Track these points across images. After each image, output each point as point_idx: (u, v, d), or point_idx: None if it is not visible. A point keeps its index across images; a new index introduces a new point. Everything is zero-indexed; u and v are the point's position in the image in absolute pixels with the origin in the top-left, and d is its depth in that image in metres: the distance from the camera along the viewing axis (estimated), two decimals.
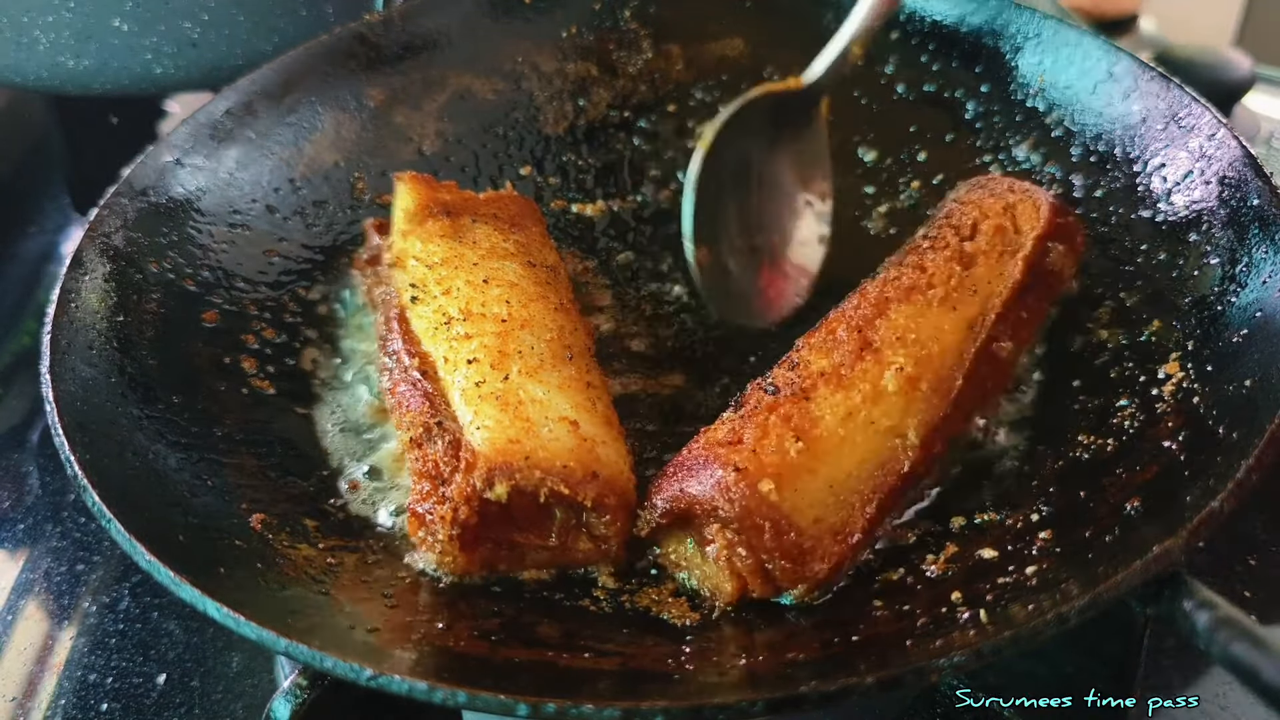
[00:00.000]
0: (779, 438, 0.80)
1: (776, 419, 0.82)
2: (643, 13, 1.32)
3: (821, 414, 0.82)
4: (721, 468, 0.78)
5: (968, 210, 0.99)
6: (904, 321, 0.89)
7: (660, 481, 0.83)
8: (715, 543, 0.79)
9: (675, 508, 0.80)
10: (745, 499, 0.77)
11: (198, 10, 1.28)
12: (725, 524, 0.78)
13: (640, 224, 1.20)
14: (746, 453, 0.79)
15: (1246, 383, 0.79)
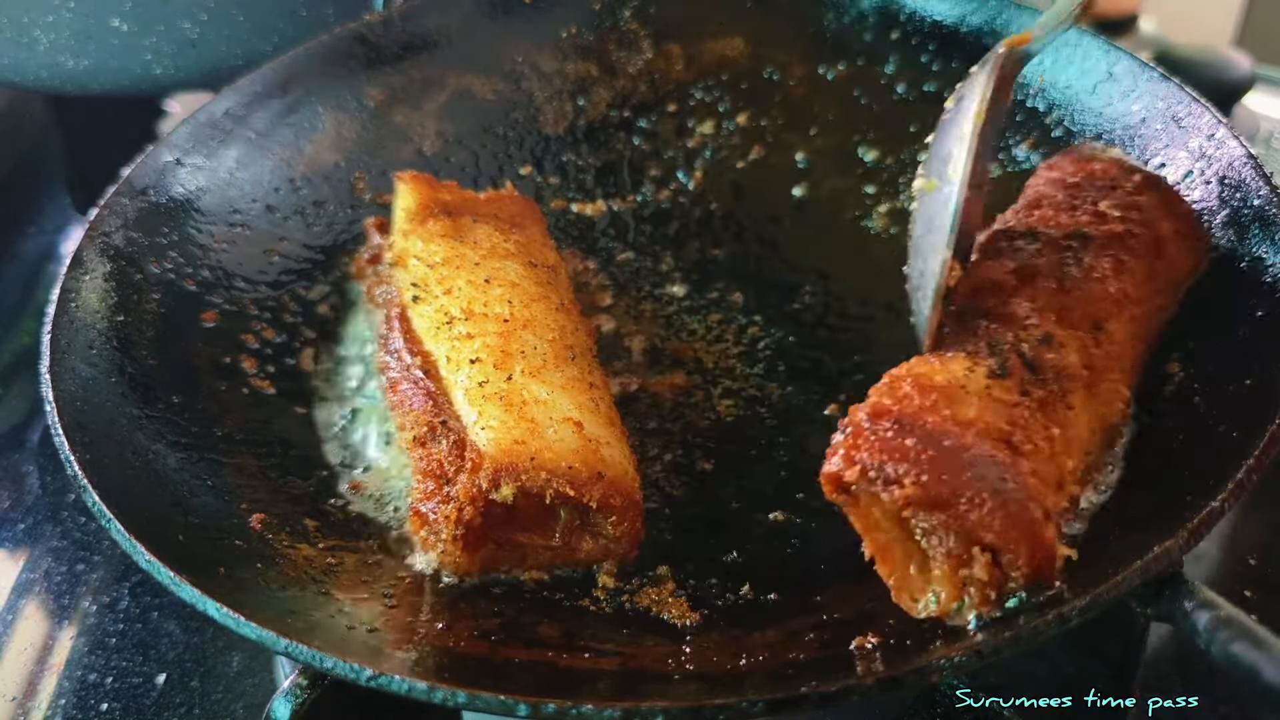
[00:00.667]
0: (1056, 465, 0.70)
1: (1043, 422, 0.71)
2: (643, 13, 1.32)
3: (1080, 430, 0.73)
4: (1024, 504, 0.66)
5: (1128, 182, 0.91)
6: (1123, 334, 0.80)
7: (903, 442, 0.68)
8: (936, 549, 0.68)
9: (936, 499, 0.67)
10: (1031, 550, 0.67)
11: (197, 10, 1.28)
12: (985, 548, 0.67)
13: (640, 224, 1.20)
14: (1032, 480, 0.68)
15: (1246, 383, 0.79)
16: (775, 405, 0.99)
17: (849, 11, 1.26)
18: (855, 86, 1.24)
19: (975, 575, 0.68)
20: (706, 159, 1.26)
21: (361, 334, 1.07)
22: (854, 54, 1.26)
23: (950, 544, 0.68)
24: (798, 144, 1.24)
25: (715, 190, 1.23)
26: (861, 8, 1.26)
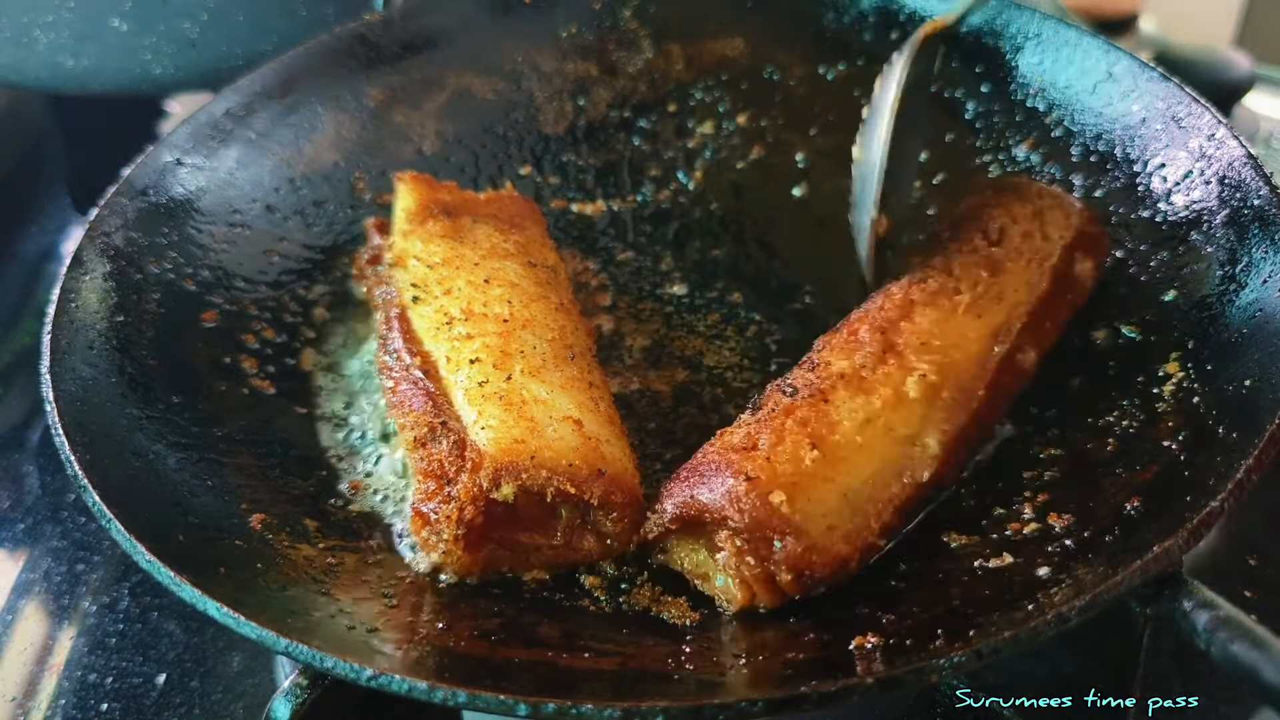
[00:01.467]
0: (794, 445, 0.79)
1: (793, 423, 0.81)
2: (643, 13, 1.32)
3: (840, 419, 0.81)
4: (734, 476, 0.77)
5: (996, 214, 0.97)
6: (929, 326, 0.87)
7: (672, 485, 0.82)
8: (724, 550, 0.77)
9: (685, 513, 0.79)
10: (756, 510, 0.75)
11: (197, 10, 1.28)
12: (735, 533, 0.76)
13: (640, 224, 1.20)
14: (760, 460, 0.78)
15: (1246, 383, 0.79)
16: None
17: (849, 11, 1.26)
18: (855, 86, 1.24)
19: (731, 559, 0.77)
20: (706, 159, 1.26)
21: (361, 334, 1.07)
22: (854, 54, 1.26)
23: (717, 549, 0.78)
24: (798, 144, 1.24)
25: (715, 190, 1.23)
26: (861, 8, 1.26)
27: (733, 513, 0.76)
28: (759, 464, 0.78)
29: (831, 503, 0.78)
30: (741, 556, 0.76)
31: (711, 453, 0.82)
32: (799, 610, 0.79)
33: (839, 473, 0.79)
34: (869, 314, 0.90)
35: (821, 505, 0.77)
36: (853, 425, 0.81)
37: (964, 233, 0.97)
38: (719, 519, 0.77)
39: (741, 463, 0.78)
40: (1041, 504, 0.82)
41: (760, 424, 0.82)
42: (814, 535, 0.76)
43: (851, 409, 0.81)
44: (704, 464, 0.80)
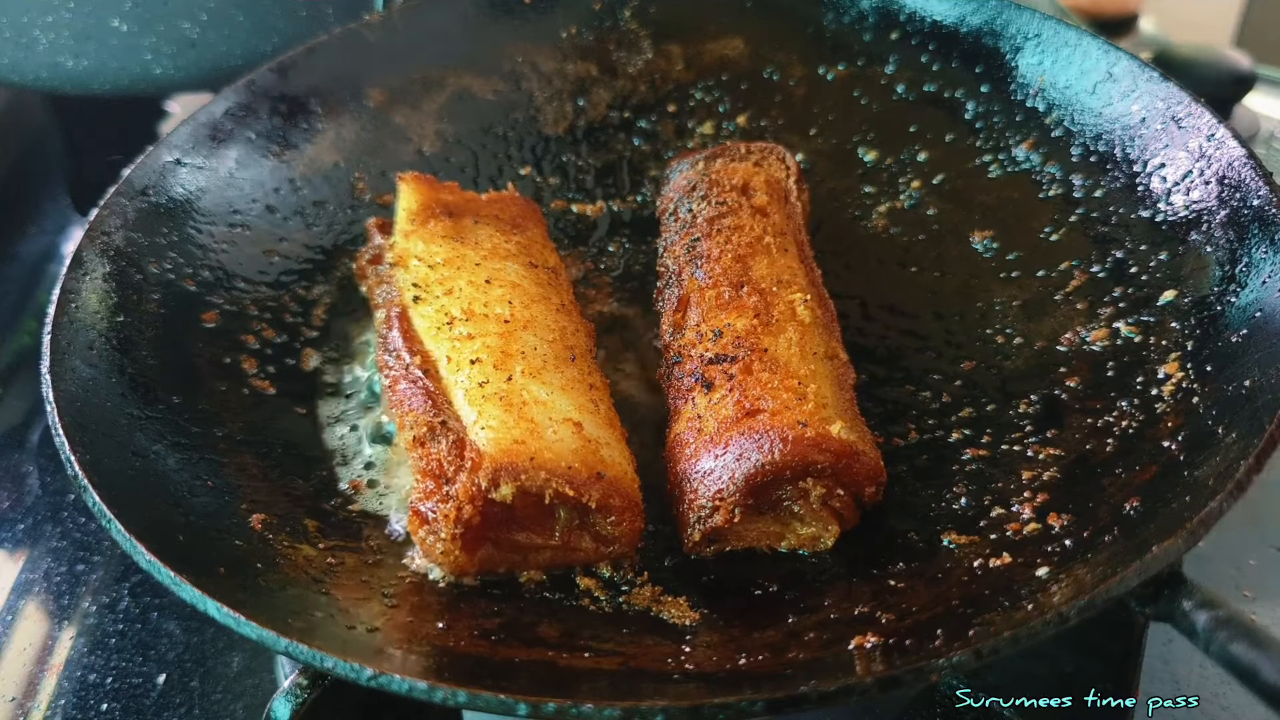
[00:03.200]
0: (788, 391, 0.84)
1: (764, 377, 0.86)
2: (643, 13, 1.32)
3: (788, 360, 0.87)
4: (789, 429, 0.81)
5: (728, 176, 1.06)
6: (765, 270, 0.95)
7: (702, 476, 0.83)
8: (810, 494, 0.82)
9: (757, 481, 0.81)
10: (832, 444, 0.81)
11: (197, 10, 1.28)
12: (819, 475, 0.82)
13: (640, 224, 1.20)
14: (785, 413, 0.83)
15: (1246, 383, 0.79)
16: None
17: (849, 11, 1.26)
18: (855, 86, 1.24)
19: (815, 500, 0.83)
20: None
21: (362, 334, 1.07)
22: (854, 54, 1.26)
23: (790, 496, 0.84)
24: (798, 144, 1.24)
25: None
26: (861, 8, 1.26)
27: (817, 455, 0.81)
28: (789, 415, 0.82)
29: (846, 421, 0.84)
30: (832, 491, 0.83)
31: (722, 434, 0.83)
32: (799, 610, 0.79)
33: (832, 397, 0.86)
34: (713, 278, 0.96)
35: (847, 425, 0.83)
36: (799, 361, 0.88)
37: (718, 198, 1.04)
38: (800, 468, 0.81)
39: (774, 421, 0.82)
40: (1041, 504, 0.82)
41: (737, 391, 0.86)
42: (865, 446, 0.84)
43: (787, 349, 0.88)
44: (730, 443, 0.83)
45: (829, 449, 0.81)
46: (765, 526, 0.85)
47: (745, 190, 1.05)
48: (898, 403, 0.97)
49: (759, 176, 1.07)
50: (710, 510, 0.83)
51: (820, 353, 0.90)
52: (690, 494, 0.84)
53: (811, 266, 1.01)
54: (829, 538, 0.85)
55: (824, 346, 0.91)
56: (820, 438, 0.81)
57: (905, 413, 0.96)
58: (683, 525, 0.85)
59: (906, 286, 1.08)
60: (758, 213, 1.02)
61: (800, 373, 0.86)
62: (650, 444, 0.95)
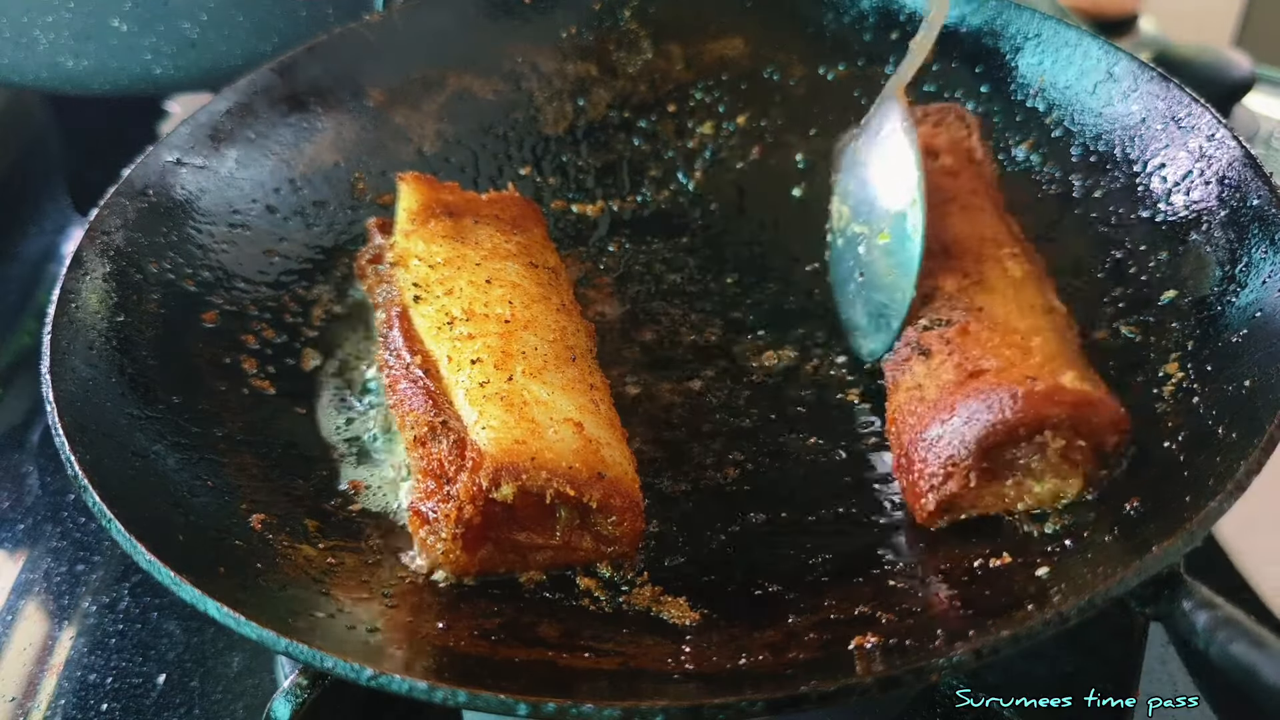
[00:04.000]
0: (1012, 347, 0.83)
1: (984, 336, 0.84)
2: (643, 13, 1.32)
3: (1006, 317, 0.85)
4: (1018, 386, 0.79)
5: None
6: (967, 230, 0.93)
7: (930, 445, 0.82)
8: (1039, 455, 0.80)
9: (989, 444, 0.80)
10: (1065, 395, 0.79)
11: (197, 11, 1.28)
12: (1056, 427, 0.79)
13: (640, 224, 1.20)
14: (1012, 369, 0.81)
15: (1246, 383, 0.79)
16: (776, 405, 0.98)
17: (849, 11, 1.26)
18: (855, 86, 1.24)
19: (1055, 454, 0.81)
20: (706, 159, 1.26)
21: (362, 334, 1.07)
22: (854, 54, 1.26)
23: (1029, 451, 0.81)
24: (798, 144, 1.24)
25: (715, 190, 1.23)
26: (861, 8, 1.26)
27: (1050, 409, 0.78)
28: (1017, 370, 0.81)
29: (1076, 370, 0.81)
30: (1072, 444, 0.80)
31: (946, 400, 0.82)
32: (799, 610, 0.79)
33: (1054, 349, 0.83)
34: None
35: (1078, 374, 0.81)
36: (1018, 315, 0.85)
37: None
38: (1034, 425, 0.79)
39: (1002, 379, 0.81)
40: None
41: (957, 354, 0.84)
42: (1101, 394, 0.81)
43: (1003, 306, 0.86)
44: (956, 408, 0.81)
45: (1063, 400, 0.78)
46: (1001, 489, 0.82)
47: (930, 153, 1.02)
48: None
49: (940, 138, 1.04)
50: (944, 478, 0.81)
51: (1039, 305, 0.87)
52: (920, 464, 0.82)
53: (1010, 222, 0.97)
54: (1071, 491, 0.81)
55: (1041, 299, 0.88)
56: (1052, 390, 0.79)
57: None
58: (915, 497, 0.83)
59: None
60: (947, 175, 1.00)
61: (1021, 327, 0.84)
62: (650, 444, 0.95)
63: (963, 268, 0.90)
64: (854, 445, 0.94)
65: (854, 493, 0.90)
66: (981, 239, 0.93)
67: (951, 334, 0.86)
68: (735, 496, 0.91)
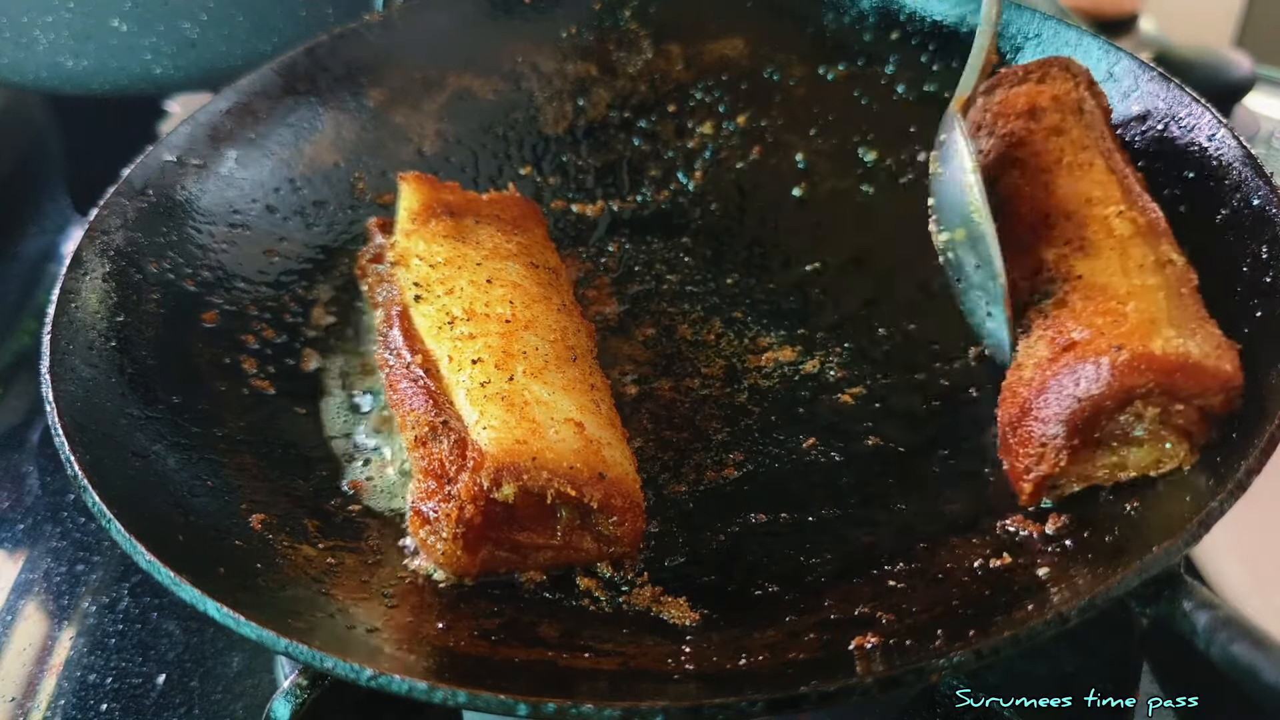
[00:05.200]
0: (1106, 314, 0.79)
1: (1080, 305, 0.81)
2: (643, 13, 1.32)
3: (1106, 282, 0.82)
4: (1103, 357, 0.77)
5: (1012, 104, 1.00)
6: (1070, 192, 0.90)
7: (1026, 425, 0.80)
8: (1138, 424, 0.77)
9: (1079, 419, 0.77)
10: (1154, 364, 0.75)
11: (197, 11, 1.28)
12: (1146, 398, 0.76)
13: (640, 224, 1.20)
14: (1101, 339, 0.78)
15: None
16: (776, 406, 0.99)
17: (849, 11, 1.26)
18: (855, 86, 1.24)
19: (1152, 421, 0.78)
20: (706, 159, 1.26)
21: (362, 334, 1.07)
22: (854, 54, 1.26)
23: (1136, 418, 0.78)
24: (798, 144, 1.24)
25: (715, 190, 1.23)
26: (861, 8, 1.26)
27: (1135, 379, 0.75)
28: (1106, 339, 0.77)
29: (1179, 331, 0.77)
30: (1169, 410, 0.77)
31: (1039, 377, 0.80)
32: (799, 610, 0.79)
33: (1155, 311, 0.79)
34: (1018, 215, 0.91)
35: (1178, 336, 0.77)
36: (1121, 279, 0.82)
37: (1008, 128, 0.98)
38: (1123, 396, 0.76)
39: (1089, 350, 0.78)
40: (1041, 504, 0.82)
41: (1052, 328, 0.82)
42: (1197, 356, 0.76)
43: (1105, 270, 0.83)
44: (1047, 384, 0.79)
45: (1151, 368, 0.75)
46: (1102, 459, 0.80)
47: (1033, 113, 0.98)
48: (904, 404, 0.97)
49: (1045, 94, 0.99)
50: (1037, 459, 0.79)
51: (1148, 263, 0.83)
52: (1016, 445, 0.81)
53: (1124, 174, 0.92)
54: (1174, 460, 0.78)
55: (1152, 255, 0.84)
56: (1136, 358, 0.75)
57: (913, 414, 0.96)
58: (1015, 479, 0.82)
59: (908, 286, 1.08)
60: (1051, 133, 0.96)
61: (1121, 291, 0.81)
62: (650, 444, 0.95)
63: (1064, 234, 0.87)
64: (854, 445, 0.94)
65: (854, 493, 0.90)
66: (1087, 200, 0.89)
67: (1049, 306, 0.84)
68: (735, 496, 0.91)
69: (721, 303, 1.10)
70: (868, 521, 0.87)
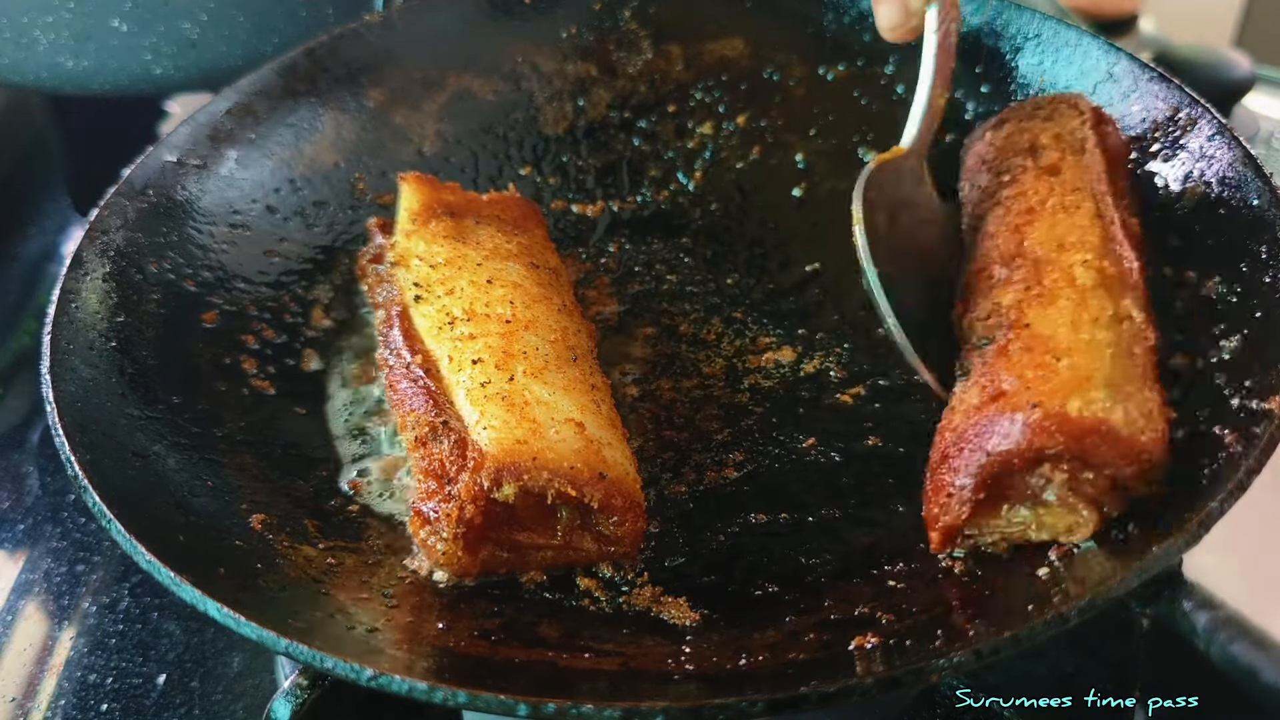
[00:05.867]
0: (1038, 368, 0.77)
1: (1019, 355, 0.80)
2: (643, 13, 1.32)
3: (1052, 333, 0.80)
4: (1018, 412, 0.75)
5: (1017, 139, 1.00)
6: (1044, 235, 0.88)
7: (941, 472, 0.79)
8: (1051, 484, 0.75)
9: (988, 474, 0.76)
10: (1063, 425, 0.73)
11: (197, 11, 1.28)
12: (1055, 461, 0.74)
13: (640, 224, 1.20)
14: (1024, 393, 0.76)
15: (1247, 383, 0.79)
16: (776, 406, 0.99)
17: (849, 11, 1.26)
18: (855, 86, 1.24)
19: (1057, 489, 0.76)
20: (706, 160, 1.26)
21: (362, 334, 1.07)
22: (854, 54, 1.26)
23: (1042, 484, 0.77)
24: (798, 144, 1.24)
25: (715, 191, 1.23)
26: (861, 8, 1.26)
27: (1043, 440, 0.73)
28: (1027, 395, 0.76)
29: (1110, 396, 0.75)
30: (1076, 477, 0.75)
31: (961, 425, 0.79)
32: (799, 610, 0.79)
33: (1094, 370, 0.77)
34: (987, 257, 0.90)
35: (1104, 401, 0.75)
36: (1067, 331, 0.80)
37: (1002, 167, 0.98)
38: (1030, 456, 0.74)
39: (1010, 403, 0.76)
40: None
41: (986, 376, 0.80)
42: (1118, 426, 0.73)
43: (1054, 320, 0.81)
44: (965, 434, 0.78)
45: (1061, 430, 0.73)
46: (1013, 518, 0.78)
47: (1033, 151, 0.97)
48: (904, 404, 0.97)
49: (1048, 133, 0.99)
50: (942, 509, 0.78)
51: (1103, 317, 0.81)
52: (931, 490, 0.80)
53: (1111, 220, 0.90)
54: (1085, 528, 0.76)
55: (1111, 309, 0.82)
56: (1049, 418, 0.73)
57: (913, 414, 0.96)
58: (928, 526, 0.81)
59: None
60: (1044, 173, 0.94)
61: (1063, 345, 0.79)
62: (650, 444, 0.95)
63: (1025, 279, 0.85)
64: (853, 445, 0.94)
65: (854, 493, 0.90)
66: (1059, 245, 0.87)
67: (990, 352, 0.82)
68: (735, 496, 0.91)
69: (721, 303, 1.10)
70: (868, 521, 0.87)
